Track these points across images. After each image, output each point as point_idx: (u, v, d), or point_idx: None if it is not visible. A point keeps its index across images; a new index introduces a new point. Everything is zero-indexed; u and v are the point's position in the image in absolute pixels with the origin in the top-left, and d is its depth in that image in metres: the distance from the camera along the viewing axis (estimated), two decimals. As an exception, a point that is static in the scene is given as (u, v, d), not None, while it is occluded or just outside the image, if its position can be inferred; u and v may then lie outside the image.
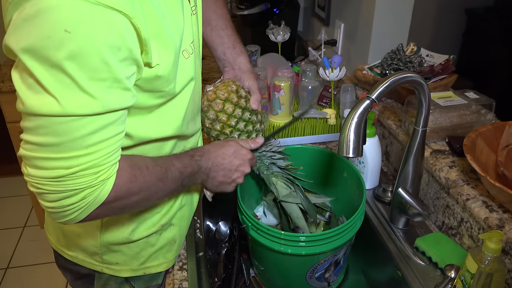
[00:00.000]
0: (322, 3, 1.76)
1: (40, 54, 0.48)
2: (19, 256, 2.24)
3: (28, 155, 0.53)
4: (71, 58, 0.48)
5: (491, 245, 0.65)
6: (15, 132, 1.94)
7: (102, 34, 0.49)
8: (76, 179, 0.53)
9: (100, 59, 0.50)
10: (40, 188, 0.54)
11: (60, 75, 0.49)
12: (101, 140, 0.54)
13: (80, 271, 0.83)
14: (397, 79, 0.74)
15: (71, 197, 0.54)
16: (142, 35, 0.54)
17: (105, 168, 0.55)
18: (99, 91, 0.51)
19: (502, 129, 0.91)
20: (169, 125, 0.72)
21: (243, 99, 0.85)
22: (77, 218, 0.57)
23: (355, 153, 0.70)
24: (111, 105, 0.53)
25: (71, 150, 0.52)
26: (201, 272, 0.88)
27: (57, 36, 0.47)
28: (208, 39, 0.93)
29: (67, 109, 0.50)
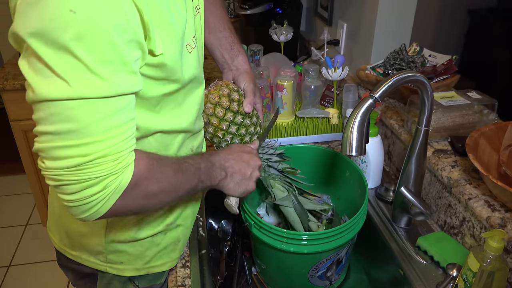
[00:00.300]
0: (324, 3, 1.76)
1: (47, 37, 0.47)
2: (21, 254, 2.24)
3: (44, 146, 0.52)
4: (77, 39, 0.47)
5: (493, 243, 0.66)
6: (18, 130, 1.95)
7: (108, 14, 0.49)
8: (95, 166, 0.52)
9: (106, 40, 0.49)
10: (59, 180, 0.52)
11: (68, 57, 0.48)
12: (115, 125, 0.53)
13: (83, 271, 0.83)
14: (400, 78, 0.74)
15: (93, 187, 0.53)
16: (145, 18, 0.54)
17: (123, 155, 0.54)
18: (107, 73, 0.50)
19: (504, 129, 0.91)
20: (183, 119, 0.72)
21: (235, 102, 0.85)
22: (99, 212, 0.55)
23: (358, 151, 0.71)
24: (121, 88, 0.52)
25: (86, 136, 0.51)
26: (203, 269, 0.89)
27: (62, 17, 0.47)
28: (206, 42, 0.93)
29: (77, 91, 0.49)
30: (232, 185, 0.77)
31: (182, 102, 0.71)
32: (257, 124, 0.90)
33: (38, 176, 2.06)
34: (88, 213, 0.55)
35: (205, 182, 0.71)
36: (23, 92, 1.61)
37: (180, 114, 0.71)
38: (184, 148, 0.78)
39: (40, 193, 2.11)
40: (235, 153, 0.78)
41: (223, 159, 0.76)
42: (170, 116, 0.69)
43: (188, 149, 0.79)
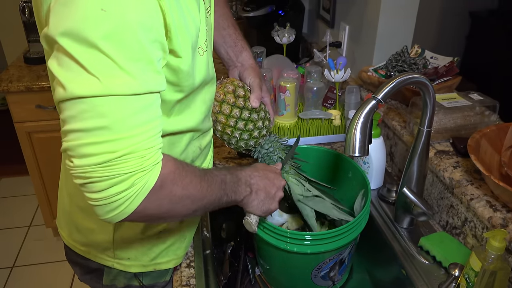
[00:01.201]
0: (327, 5, 1.77)
1: (79, 35, 0.48)
2: (24, 255, 2.25)
3: (73, 144, 0.52)
4: (107, 37, 0.49)
5: (495, 243, 0.66)
6: (22, 132, 1.96)
7: (135, 12, 0.50)
8: (123, 162, 0.52)
9: (134, 38, 0.51)
10: (88, 177, 0.53)
11: (99, 54, 0.49)
12: (142, 122, 0.54)
13: (90, 266, 0.84)
14: (403, 79, 0.75)
15: (120, 183, 0.53)
16: (167, 20, 0.55)
17: (150, 152, 0.55)
18: (136, 71, 0.52)
19: (505, 130, 0.92)
20: (192, 119, 0.73)
21: (241, 98, 0.85)
22: (125, 212, 0.55)
23: (361, 152, 0.71)
24: (149, 86, 0.53)
25: (116, 132, 0.52)
26: (208, 269, 0.90)
27: (94, 15, 0.48)
28: None
29: (109, 88, 0.50)
30: (256, 203, 0.76)
31: (191, 104, 0.72)
32: (265, 119, 0.90)
33: (41, 177, 2.07)
34: (113, 213, 0.55)
35: (230, 195, 0.70)
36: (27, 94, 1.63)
37: (189, 115, 0.72)
38: (192, 147, 0.79)
39: (43, 195, 2.12)
40: (260, 170, 0.79)
41: (249, 176, 0.75)
42: (179, 118, 0.70)
43: (196, 147, 0.80)
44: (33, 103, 1.88)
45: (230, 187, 0.70)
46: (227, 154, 1.23)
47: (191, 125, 0.74)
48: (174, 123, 0.70)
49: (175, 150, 0.75)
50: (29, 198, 2.61)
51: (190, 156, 0.80)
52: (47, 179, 2.08)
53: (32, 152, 2.01)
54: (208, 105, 0.78)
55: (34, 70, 1.96)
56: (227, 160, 1.20)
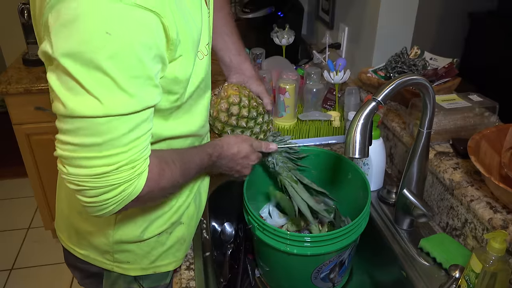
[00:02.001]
0: (326, 6, 1.77)
1: (81, 57, 0.49)
2: (23, 257, 2.25)
3: (68, 155, 0.54)
4: (111, 58, 0.50)
5: (495, 245, 0.66)
6: (21, 134, 1.95)
7: (138, 34, 0.52)
8: (115, 174, 0.55)
9: (135, 58, 0.52)
10: (81, 186, 0.56)
11: (101, 76, 0.50)
12: (137, 137, 0.56)
13: (90, 270, 0.84)
14: (403, 81, 0.75)
15: (111, 192, 0.57)
16: (170, 34, 0.56)
17: (140, 162, 0.58)
18: (135, 89, 0.53)
19: (505, 131, 0.92)
20: (192, 123, 0.75)
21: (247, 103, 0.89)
22: (113, 211, 0.60)
23: (361, 153, 0.71)
24: (146, 102, 0.56)
25: (112, 148, 0.54)
26: (208, 271, 0.89)
27: (98, 39, 0.49)
28: (215, 46, 0.96)
29: (109, 109, 0.52)
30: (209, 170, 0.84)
31: (191, 109, 0.73)
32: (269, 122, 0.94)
33: (40, 179, 2.07)
34: (103, 212, 0.59)
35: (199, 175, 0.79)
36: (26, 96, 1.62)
37: (189, 119, 0.74)
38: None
39: (42, 197, 2.12)
40: (237, 159, 0.84)
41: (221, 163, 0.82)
42: (179, 122, 0.72)
43: None
44: (32, 105, 1.88)
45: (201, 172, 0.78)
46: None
47: (193, 130, 0.76)
48: (175, 127, 0.71)
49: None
50: (28, 200, 2.61)
51: None
52: (46, 181, 2.07)
53: (31, 154, 2.00)
54: (207, 110, 0.80)
55: (33, 72, 1.96)
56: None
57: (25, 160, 2.01)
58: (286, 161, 0.94)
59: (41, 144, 1.97)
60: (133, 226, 0.78)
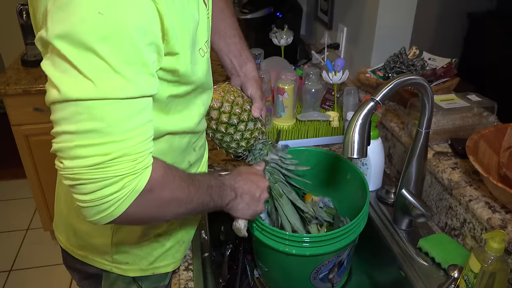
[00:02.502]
0: (325, 7, 1.77)
1: (75, 38, 0.48)
2: (22, 259, 2.24)
3: (64, 146, 0.52)
4: (104, 40, 0.49)
5: (494, 244, 0.66)
6: (19, 135, 1.95)
7: (132, 16, 0.50)
8: (114, 165, 0.52)
9: (130, 42, 0.51)
10: (77, 179, 0.53)
11: (94, 58, 0.49)
12: (136, 126, 0.54)
13: (88, 271, 0.84)
14: (401, 81, 0.75)
15: (110, 186, 0.53)
16: (165, 22, 0.55)
17: (142, 156, 0.55)
18: (131, 74, 0.52)
19: (504, 131, 0.92)
20: (190, 119, 0.73)
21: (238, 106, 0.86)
22: (112, 215, 0.56)
23: (359, 154, 0.71)
24: (143, 90, 0.54)
25: (107, 135, 0.52)
26: (206, 272, 0.89)
27: (91, 19, 0.48)
28: (216, 47, 0.95)
29: (103, 92, 0.50)
30: (241, 206, 0.77)
31: (190, 104, 0.72)
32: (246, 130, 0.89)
33: (39, 180, 2.07)
34: (101, 215, 0.55)
35: (216, 200, 0.71)
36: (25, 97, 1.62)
37: (188, 115, 0.72)
38: (189, 148, 0.79)
39: (41, 198, 2.11)
40: (243, 174, 0.79)
41: (233, 180, 0.76)
42: (178, 117, 0.70)
43: (191, 148, 0.80)
44: (30, 106, 1.88)
45: (215, 192, 0.71)
46: (225, 156, 1.22)
47: (189, 125, 0.74)
48: (173, 122, 0.70)
49: (175, 151, 0.75)
50: (26, 202, 2.60)
51: (187, 157, 0.80)
52: (45, 182, 2.07)
53: (30, 155, 2.00)
54: (205, 107, 0.79)
55: (32, 72, 1.96)
56: (226, 162, 1.20)
57: (23, 161, 2.01)
58: (273, 172, 0.90)
59: (39, 145, 1.97)
60: (133, 226, 0.77)
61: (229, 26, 0.94)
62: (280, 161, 0.90)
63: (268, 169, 0.90)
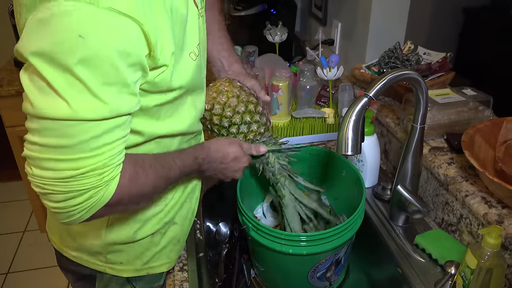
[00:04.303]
0: (319, 3, 1.76)
1: (52, 58, 0.48)
2: (19, 261, 2.23)
3: (34, 155, 0.53)
4: (83, 63, 0.49)
5: (490, 240, 0.65)
6: (14, 136, 1.94)
7: (114, 40, 0.50)
8: (81, 179, 0.53)
9: (110, 64, 0.50)
10: (45, 189, 0.54)
11: (72, 79, 0.49)
12: (107, 143, 0.54)
13: (82, 272, 0.83)
14: (394, 76, 0.74)
15: (77, 198, 0.55)
16: (152, 40, 0.55)
17: (110, 170, 0.56)
18: (109, 96, 0.52)
19: (500, 125, 0.91)
20: (181, 122, 0.73)
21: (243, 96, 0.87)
22: (82, 218, 0.57)
23: (353, 150, 0.70)
24: (120, 110, 0.54)
25: (78, 152, 0.52)
26: (201, 272, 0.89)
27: (71, 41, 0.48)
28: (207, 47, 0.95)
29: (78, 113, 0.50)
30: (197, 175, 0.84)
31: (179, 108, 0.72)
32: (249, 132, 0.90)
33: (35, 182, 2.05)
34: (71, 219, 0.57)
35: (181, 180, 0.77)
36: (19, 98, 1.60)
37: (178, 118, 0.72)
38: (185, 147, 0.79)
39: (37, 200, 2.10)
40: (226, 162, 0.81)
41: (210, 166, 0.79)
42: (168, 121, 0.70)
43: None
44: (24, 107, 1.86)
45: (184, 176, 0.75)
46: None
47: (181, 128, 0.74)
48: (164, 126, 0.70)
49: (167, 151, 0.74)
50: (22, 204, 2.59)
51: None
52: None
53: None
54: (198, 110, 0.79)
55: (25, 73, 1.94)
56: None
57: (19, 163, 2.00)
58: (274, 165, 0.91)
59: (34, 147, 1.96)
60: (126, 226, 0.77)
61: (216, 26, 0.95)
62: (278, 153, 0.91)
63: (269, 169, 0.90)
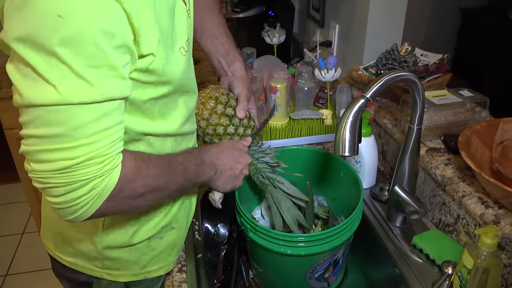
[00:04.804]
0: (316, 5, 1.77)
1: (34, 42, 0.47)
2: (18, 263, 2.23)
3: (30, 149, 0.52)
4: (65, 44, 0.47)
5: (487, 240, 0.66)
6: (12, 138, 1.94)
7: (96, 19, 0.49)
8: (81, 169, 0.52)
9: (93, 45, 0.49)
10: (46, 183, 0.53)
11: (56, 62, 0.48)
12: (102, 129, 0.53)
13: (78, 279, 0.82)
14: (391, 77, 0.74)
15: (79, 189, 0.53)
16: (134, 23, 0.54)
17: (110, 157, 0.54)
18: (96, 78, 0.51)
19: (496, 126, 0.92)
20: (171, 122, 0.73)
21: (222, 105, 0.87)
22: (86, 214, 0.56)
23: (351, 151, 0.71)
24: (110, 93, 0.52)
25: (73, 140, 0.51)
26: (200, 273, 0.89)
27: (50, 22, 0.47)
28: (204, 48, 0.96)
29: (65, 97, 0.49)
30: (220, 182, 0.80)
31: (171, 107, 0.71)
32: (247, 127, 0.91)
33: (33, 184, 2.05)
34: (75, 215, 0.56)
35: (193, 180, 0.73)
36: (16, 100, 1.53)
37: (169, 118, 0.72)
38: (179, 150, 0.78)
39: (35, 201, 2.10)
40: (226, 149, 0.80)
41: (214, 157, 0.77)
42: (159, 120, 0.70)
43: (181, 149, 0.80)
44: (23, 109, 1.86)
45: (193, 173, 0.72)
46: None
47: (172, 128, 0.73)
48: (152, 124, 0.69)
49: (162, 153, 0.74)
50: (21, 205, 2.59)
51: None
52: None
53: (23, 159, 1.98)
54: (190, 110, 0.78)
55: (23, 76, 1.94)
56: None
57: (17, 165, 2.00)
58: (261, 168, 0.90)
59: (33, 149, 1.96)
60: (122, 231, 0.76)
61: (216, 25, 0.94)
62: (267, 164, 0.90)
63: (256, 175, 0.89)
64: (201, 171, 0.74)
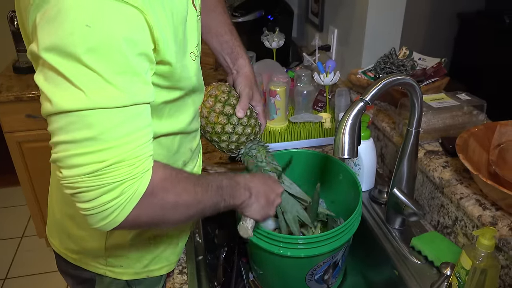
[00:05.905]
0: (315, 9, 1.78)
1: (63, 50, 0.49)
2: (17, 267, 2.23)
3: (61, 156, 0.53)
4: (92, 51, 0.50)
5: (484, 241, 0.67)
6: (12, 142, 1.94)
7: (120, 28, 0.51)
8: (112, 171, 0.53)
9: (118, 52, 0.51)
10: (77, 187, 0.53)
11: (83, 68, 0.50)
12: (131, 131, 0.54)
13: (82, 276, 0.83)
14: (390, 81, 0.75)
15: (110, 192, 0.53)
16: (155, 33, 0.56)
17: (140, 160, 0.55)
18: (123, 84, 0.52)
19: (493, 129, 0.93)
20: (180, 121, 0.73)
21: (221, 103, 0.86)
22: (117, 220, 0.56)
23: (350, 154, 0.72)
24: (137, 98, 0.54)
25: (102, 143, 0.52)
26: (201, 275, 0.89)
27: (79, 31, 0.49)
28: (210, 46, 0.96)
29: (94, 101, 0.51)
30: (255, 206, 0.76)
31: (181, 107, 0.72)
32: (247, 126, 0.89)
33: (32, 187, 2.05)
34: (105, 221, 0.56)
35: (227, 200, 0.70)
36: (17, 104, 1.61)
37: (179, 117, 0.73)
38: (183, 149, 0.79)
39: (35, 205, 2.10)
40: (259, 177, 0.79)
41: (248, 180, 0.75)
42: (170, 120, 0.71)
43: (187, 149, 0.81)
44: (23, 112, 1.87)
45: (227, 192, 0.70)
46: (218, 159, 1.22)
47: (181, 126, 0.74)
48: (166, 125, 0.70)
49: (168, 152, 0.75)
50: (20, 209, 2.59)
51: (182, 157, 0.80)
52: (39, 189, 2.06)
53: (23, 162, 1.99)
54: (196, 108, 0.79)
55: (24, 79, 1.95)
56: (219, 165, 1.20)
57: (17, 168, 2.00)
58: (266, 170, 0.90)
59: (33, 152, 1.96)
60: (126, 229, 0.77)
61: (221, 23, 0.94)
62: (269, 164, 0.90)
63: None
64: (236, 192, 0.72)
